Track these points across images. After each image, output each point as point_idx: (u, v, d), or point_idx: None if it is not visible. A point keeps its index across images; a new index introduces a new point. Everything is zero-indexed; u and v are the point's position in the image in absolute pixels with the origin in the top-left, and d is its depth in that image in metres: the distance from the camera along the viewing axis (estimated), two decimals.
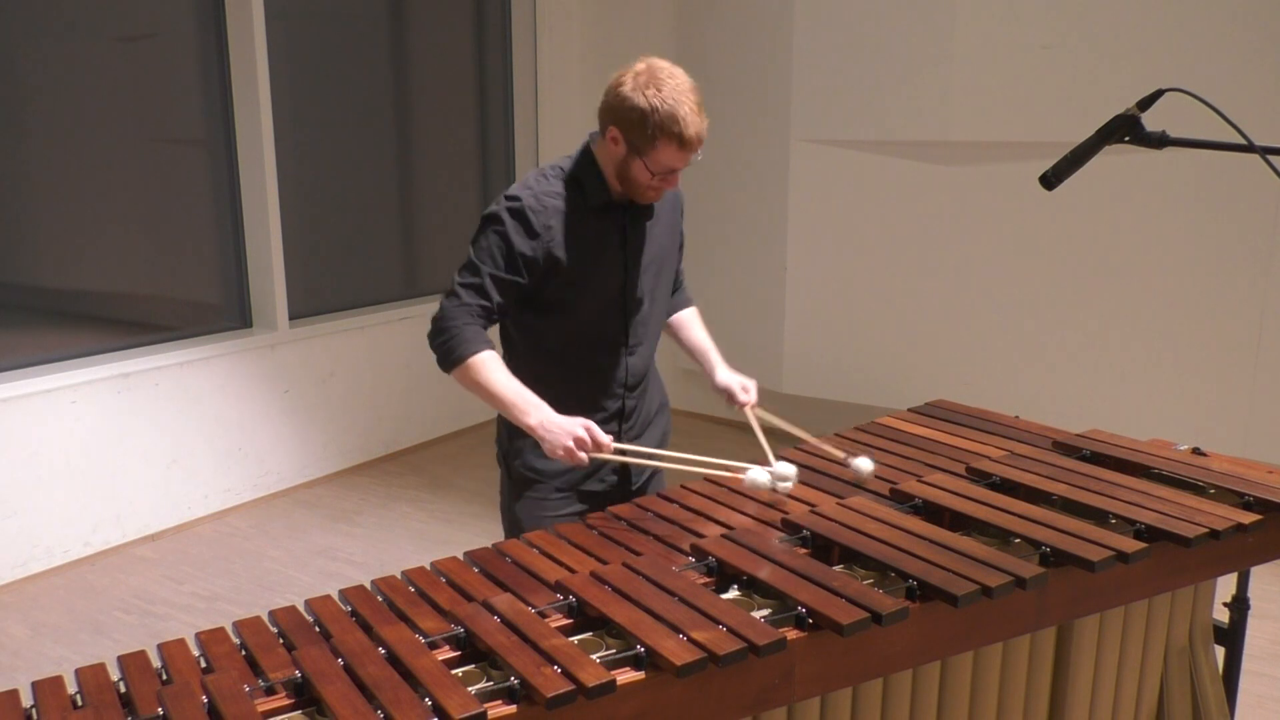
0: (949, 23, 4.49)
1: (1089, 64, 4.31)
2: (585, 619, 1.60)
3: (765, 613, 1.59)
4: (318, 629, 1.60)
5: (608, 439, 1.98)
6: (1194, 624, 2.07)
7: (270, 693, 1.43)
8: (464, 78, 5.69)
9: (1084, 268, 4.56)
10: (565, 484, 2.21)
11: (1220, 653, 2.20)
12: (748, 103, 5.06)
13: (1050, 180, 1.94)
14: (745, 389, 2.31)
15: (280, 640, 1.57)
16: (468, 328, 2.03)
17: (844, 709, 1.65)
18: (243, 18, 4.42)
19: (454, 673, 1.43)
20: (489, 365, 2.02)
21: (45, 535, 3.95)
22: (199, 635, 1.59)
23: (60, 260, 4.23)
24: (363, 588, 1.73)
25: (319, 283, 5.09)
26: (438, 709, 1.33)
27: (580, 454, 1.95)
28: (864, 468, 2.12)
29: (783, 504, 2.02)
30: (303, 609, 1.66)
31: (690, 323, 2.45)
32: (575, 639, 1.53)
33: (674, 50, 5.44)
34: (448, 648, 1.52)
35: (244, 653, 1.55)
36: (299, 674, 1.43)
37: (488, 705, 1.35)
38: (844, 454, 2.17)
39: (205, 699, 1.38)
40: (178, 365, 4.31)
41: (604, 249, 2.13)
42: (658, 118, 1.93)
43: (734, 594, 1.68)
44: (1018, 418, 2.55)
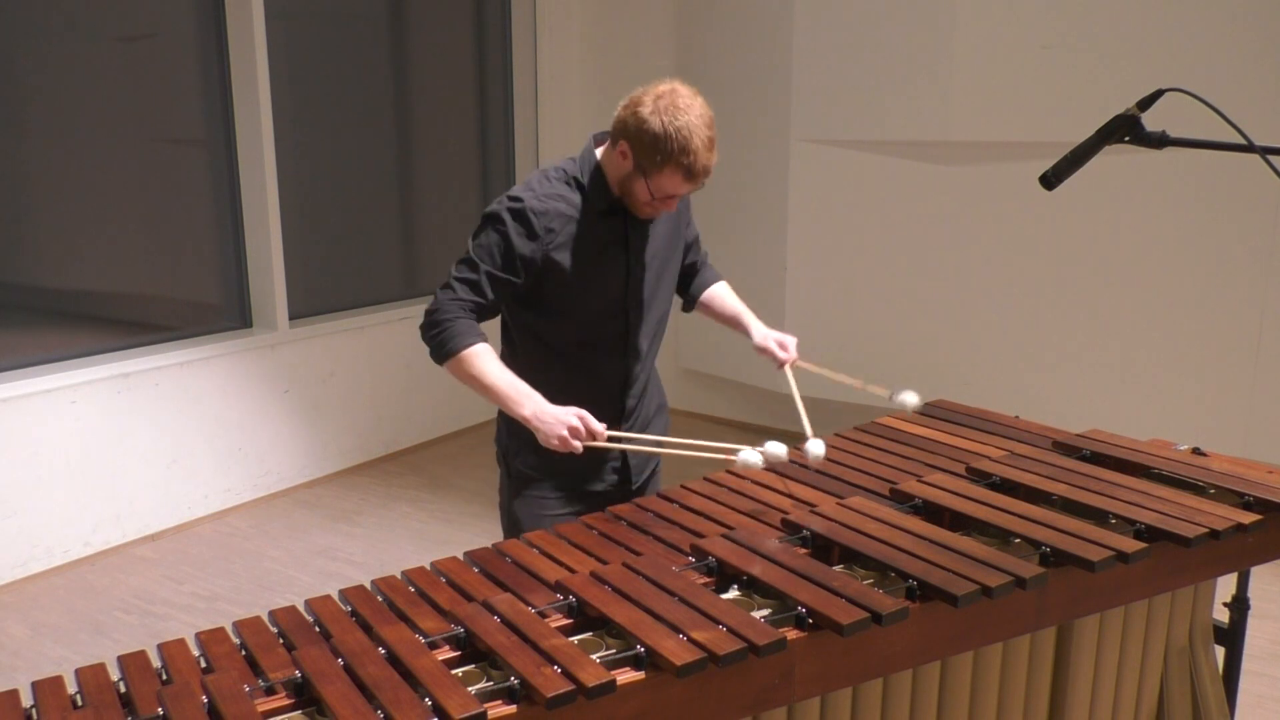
0: (949, 23, 4.49)
1: (1089, 64, 4.31)
2: (585, 619, 1.60)
3: (765, 613, 1.59)
4: (318, 629, 1.60)
5: (601, 427, 2.00)
6: (1194, 624, 2.07)
7: (270, 693, 1.43)
8: (464, 78, 5.69)
9: (1084, 268, 4.56)
10: (564, 483, 2.22)
11: (1220, 653, 2.20)
12: (748, 103, 5.05)
13: (1050, 180, 1.94)
14: (783, 345, 2.34)
15: (280, 640, 1.57)
16: (461, 320, 2.05)
17: (844, 709, 1.65)
18: (243, 18, 4.42)
19: (454, 673, 1.43)
20: (482, 357, 2.04)
21: (45, 535, 3.95)
22: (199, 635, 1.59)
23: (60, 260, 4.23)
24: (363, 588, 1.73)
25: (319, 283, 5.09)
26: (438, 709, 1.33)
27: (575, 442, 1.97)
28: (909, 401, 2.26)
29: (783, 503, 2.02)
30: (303, 609, 1.66)
31: (723, 294, 2.47)
32: (575, 639, 1.53)
33: (674, 50, 5.44)
34: (448, 648, 1.52)
35: (244, 653, 1.55)
36: (299, 674, 1.43)
37: (488, 705, 1.35)
38: (887, 391, 2.29)
39: (205, 699, 1.38)
40: (178, 365, 4.31)
41: (606, 251, 2.13)
42: (670, 145, 1.94)
43: (734, 594, 1.68)
44: (1018, 418, 2.55)
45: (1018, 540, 1.82)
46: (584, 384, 2.19)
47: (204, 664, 1.53)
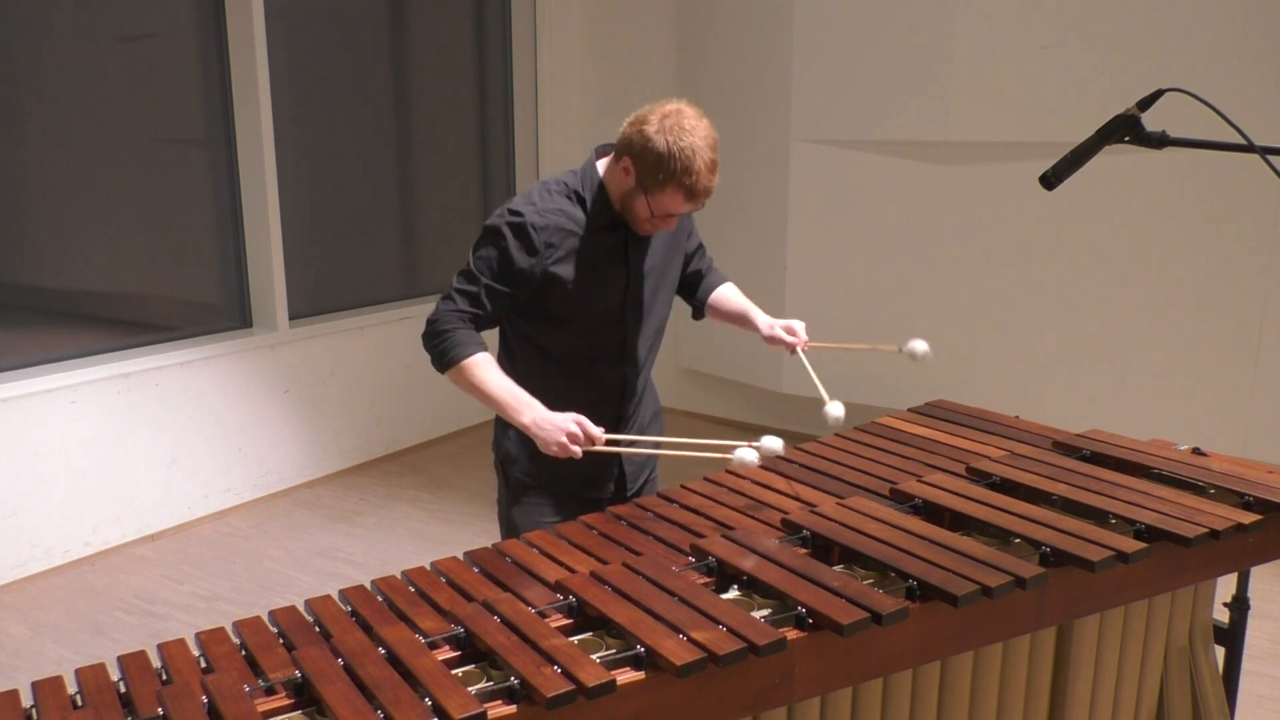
0: (949, 23, 4.49)
1: (1089, 64, 4.31)
2: (585, 619, 1.60)
3: (765, 613, 1.59)
4: (318, 629, 1.60)
5: (599, 431, 2.02)
6: (1194, 624, 2.07)
7: (270, 693, 1.43)
8: (464, 78, 5.69)
9: (1084, 267, 4.56)
10: (561, 491, 2.24)
11: (1220, 653, 2.20)
12: (748, 103, 5.05)
13: (1050, 180, 1.94)
14: (791, 330, 2.35)
15: (280, 640, 1.57)
16: (461, 330, 2.09)
17: (844, 709, 1.65)
18: (243, 18, 4.42)
19: (454, 673, 1.43)
20: (483, 366, 2.08)
21: (45, 535, 3.95)
22: (199, 635, 1.59)
23: (60, 260, 4.23)
24: (363, 588, 1.73)
25: (319, 283, 5.09)
26: (438, 709, 1.33)
27: (574, 448, 1.99)
28: (919, 348, 2.31)
29: (783, 503, 2.02)
30: (303, 609, 1.66)
31: (728, 294, 2.48)
32: (575, 639, 1.53)
33: (674, 50, 5.44)
34: (448, 648, 1.52)
35: (244, 653, 1.55)
36: (299, 674, 1.43)
37: (488, 705, 1.35)
38: (895, 346, 2.35)
39: (205, 699, 1.38)
40: (178, 365, 4.32)
41: (605, 265, 2.16)
42: (672, 164, 1.96)
43: (734, 594, 1.68)
44: (1018, 418, 2.55)
45: (1018, 540, 1.82)
46: (581, 391, 2.21)
47: (204, 664, 1.53)
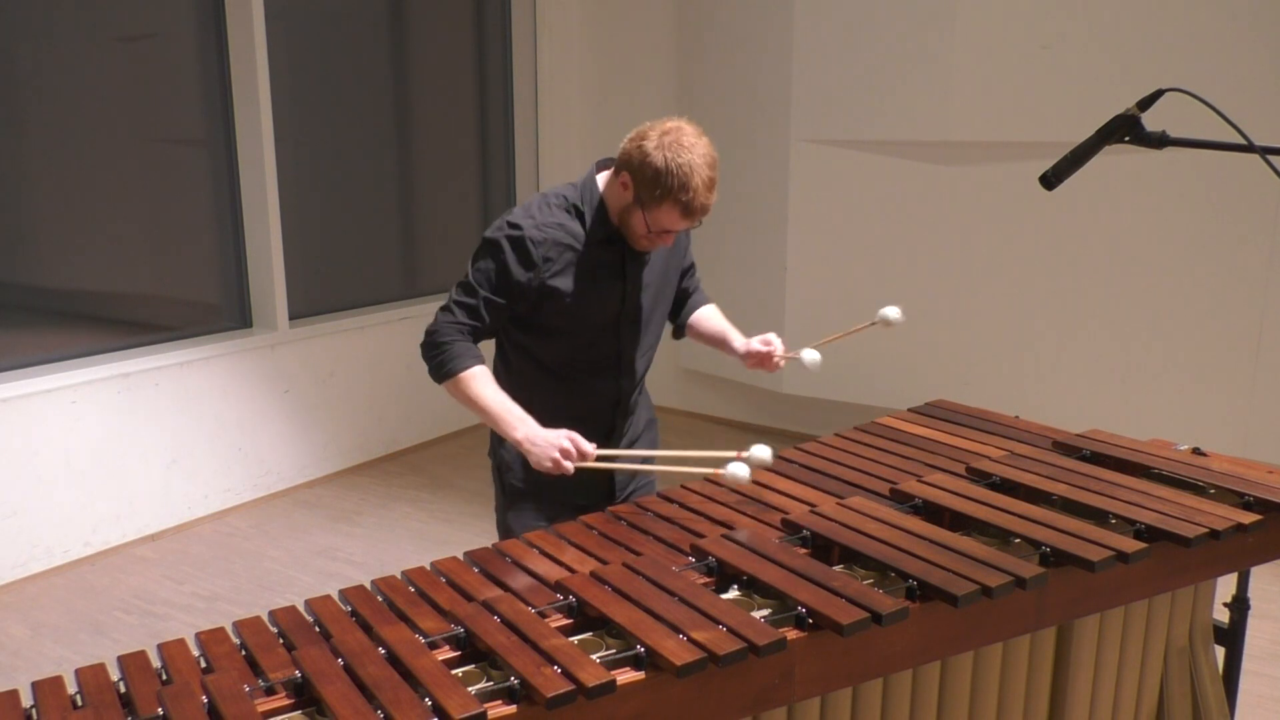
0: (949, 23, 4.49)
1: (1089, 64, 4.30)
2: (585, 619, 1.60)
3: (765, 613, 1.59)
4: (318, 629, 1.60)
5: (591, 447, 2.04)
6: (1194, 624, 2.07)
7: (270, 693, 1.43)
8: (464, 78, 5.69)
9: (1084, 268, 4.56)
10: (553, 498, 2.25)
11: (1220, 653, 2.20)
12: (748, 103, 5.05)
13: (1050, 180, 1.94)
14: (767, 342, 2.35)
15: (280, 640, 1.58)
16: (459, 343, 2.12)
17: (844, 709, 1.65)
18: (243, 18, 4.42)
19: (454, 673, 1.43)
20: (479, 380, 2.11)
21: (45, 535, 3.95)
22: (199, 635, 1.59)
23: (60, 260, 4.23)
24: (363, 588, 1.73)
25: (319, 283, 5.08)
26: (438, 709, 1.33)
27: (566, 463, 2.01)
28: (891, 315, 2.32)
29: (783, 503, 2.02)
30: (303, 609, 1.66)
31: (709, 315, 2.49)
32: (575, 639, 1.53)
33: (674, 51, 5.44)
34: (448, 648, 1.52)
35: (244, 653, 1.55)
36: (299, 674, 1.43)
37: (488, 705, 1.35)
38: (868, 322, 2.33)
39: (205, 699, 1.38)
40: (178, 365, 4.31)
41: (603, 280, 2.16)
42: (669, 180, 1.97)
43: (734, 594, 1.68)
44: (1018, 418, 2.55)
45: (1018, 540, 1.82)
46: (576, 402, 2.23)
47: (204, 664, 1.53)
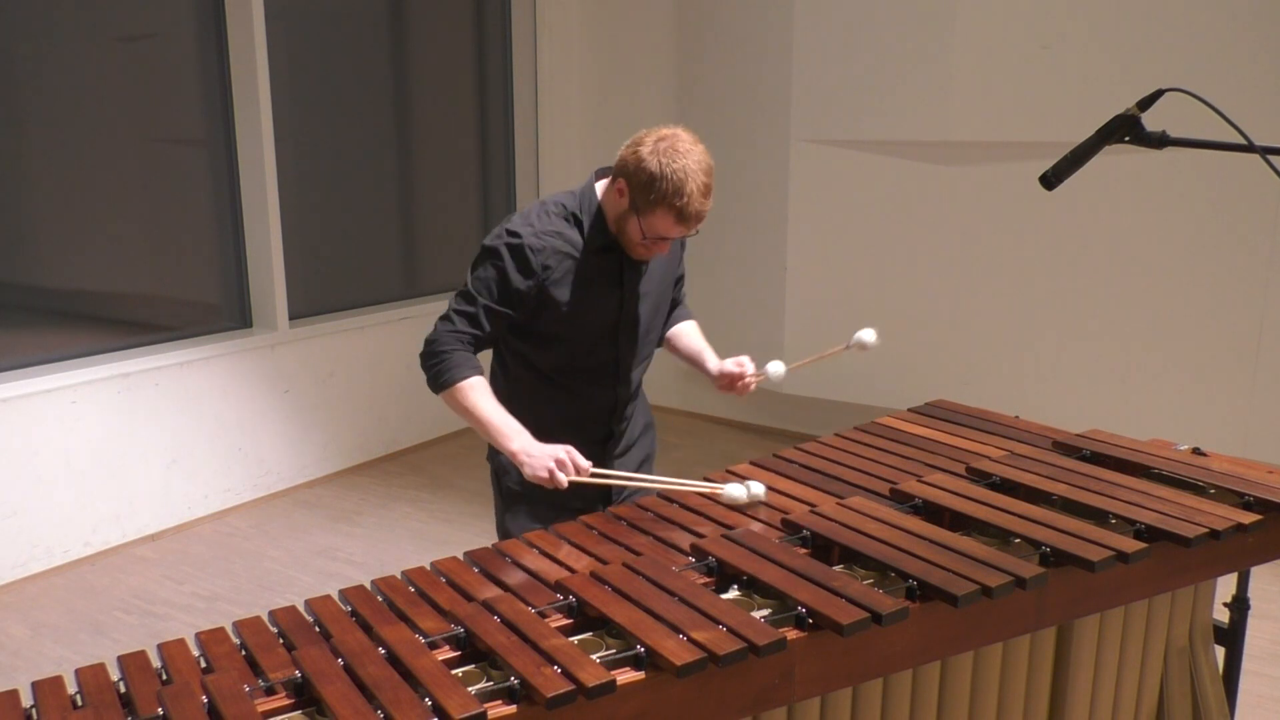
0: (949, 23, 4.48)
1: (1089, 64, 4.30)
2: (585, 619, 1.60)
3: (765, 613, 1.59)
4: (318, 629, 1.61)
5: (586, 463, 2.03)
6: (1194, 624, 2.07)
7: (270, 693, 1.43)
8: (464, 78, 5.69)
9: (1084, 268, 4.56)
10: (550, 501, 2.24)
11: (1220, 653, 2.20)
12: (748, 103, 5.05)
13: (1050, 180, 1.94)
14: (739, 364, 2.34)
15: (280, 640, 1.58)
16: (458, 353, 2.11)
17: (844, 709, 1.65)
18: (243, 18, 4.42)
19: (454, 673, 1.43)
20: (476, 391, 2.11)
21: (45, 535, 3.95)
22: (199, 635, 1.59)
23: (60, 260, 4.23)
24: (363, 588, 1.73)
25: (319, 283, 5.08)
26: (438, 709, 1.33)
27: (560, 476, 2.00)
28: (866, 338, 2.29)
29: (783, 503, 2.02)
30: (303, 609, 1.66)
31: (688, 331, 2.48)
32: (575, 639, 1.53)
33: (674, 51, 5.44)
34: (448, 648, 1.52)
35: (244, 653, 1.55)
36: (299, 674, 1.43)
37: (488, 705, 1.36)
38: (842, 344, 2.32)
39: (205, 699, 1.38)
40: (178, 365, 4.31)
41: (601, 288, 2.17)
42: (664, 185, 1.97)
43: (734, 594, 1.68)
44: (1018, 418, 2.55)
45: (1018, 540, 1.82)
46: (573, 408, 2.23)
47: (204, 664, 1.53)
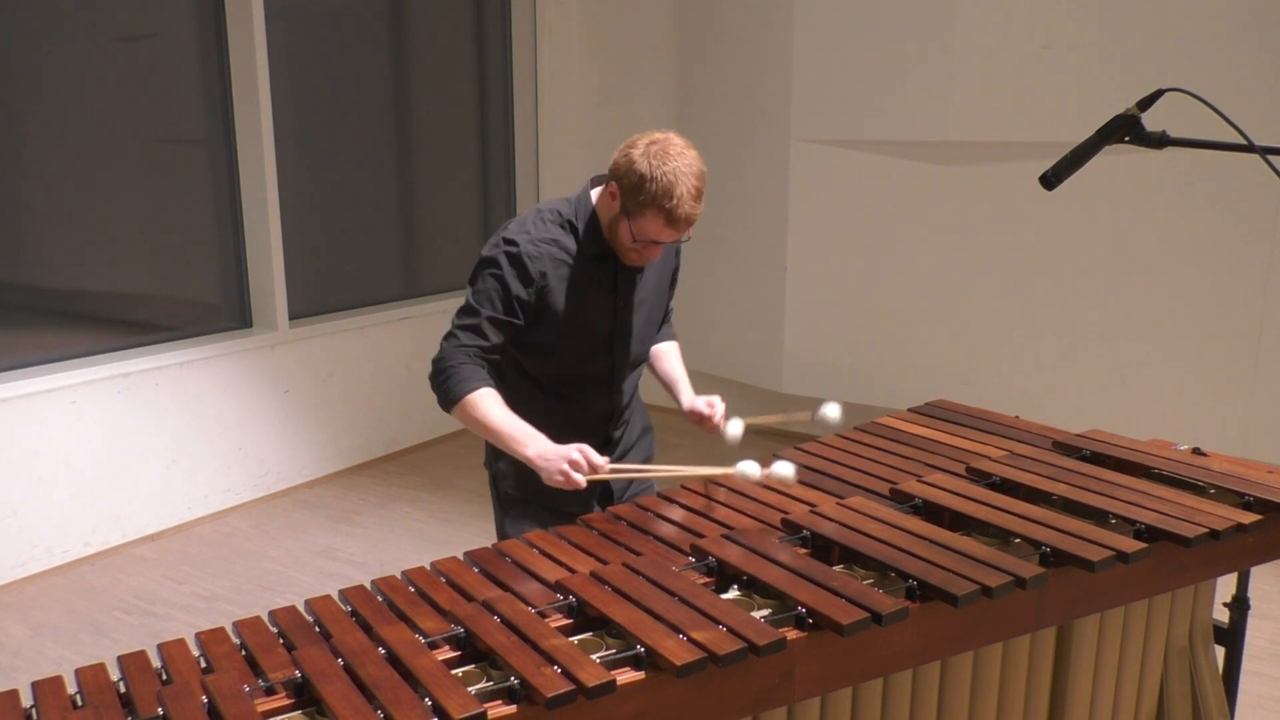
0: (949, 23, 4.49)
1: (1089, 64, 4.30)
2: (585, 619, 1.60)
3: (765, 613, 1.59)
4: (318, 629, 1.60)
5: (602, 460, 2.02)
6: (1194, 624, 2.07)
7: (270, 693, 1.43)
8: (464, 78, 5.69)
9: (1084, 268, 4.56)
10: (548, 505, 2.25)
11: (1220, 653, 2.20)
12: (748, 103, 5.05)
13: (1050, 180, 1.94)
14: (710, 404, 2.31)
15: (280, 640, 1.57)
16: (464, 366, 2.09)
17: (844, 709, 1.65)
18: (243, 18, 4.42)
19: (454, 673, 1.43)
20: (486, 401, 2.07)
21: (45, 535, 3.95)
22: (199, 635, 1.59)
23: (60, 260, 4.22)
24: (363, 588, 1.73)
25: (319, 283, 5.09)
26: (438, 709, 1.33)
27: (576, 476, 1.99)
28: (830, 414, 2.23)
29: (783, 503, 2.02)
30: (303, 609, 1.66)
31: (668, 354, 2.47)
32: (575, 639, 1.53)
33: (674, 50, 5.44)
34: (448, 648, 1.52)
35: (244, 653, 1.55)
36: (299, 674, 1.43)
37: (488, 705, 1.35)
38: (807, 414, 2.28)
39: (205, 699, 1.38)
40: (178, 365, 4.31)
41: (595, 296, 2.16)
42: (654, 188, 1.97)
43: (734, 594, 1.68)
44: (1018, 418, 2.55)
45: (1018, 540, 1.82)
46: (570, 416, 2.23)
47: (204, 664, 1.53)
